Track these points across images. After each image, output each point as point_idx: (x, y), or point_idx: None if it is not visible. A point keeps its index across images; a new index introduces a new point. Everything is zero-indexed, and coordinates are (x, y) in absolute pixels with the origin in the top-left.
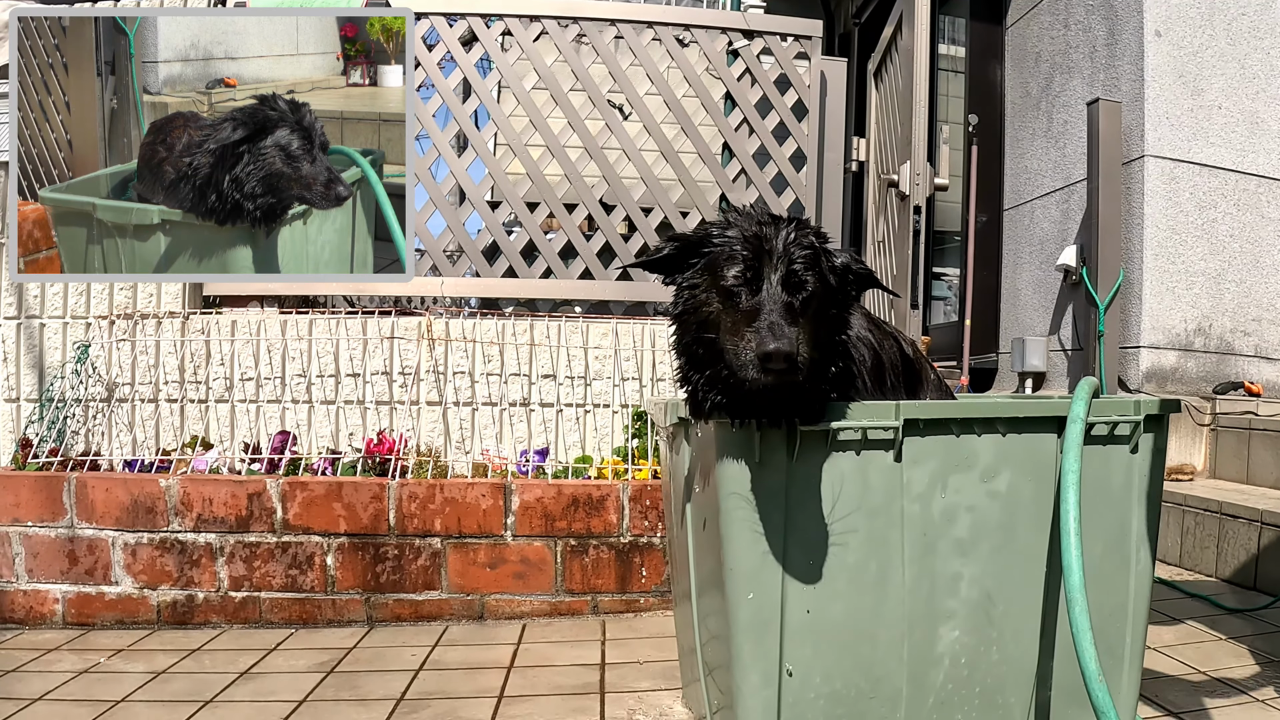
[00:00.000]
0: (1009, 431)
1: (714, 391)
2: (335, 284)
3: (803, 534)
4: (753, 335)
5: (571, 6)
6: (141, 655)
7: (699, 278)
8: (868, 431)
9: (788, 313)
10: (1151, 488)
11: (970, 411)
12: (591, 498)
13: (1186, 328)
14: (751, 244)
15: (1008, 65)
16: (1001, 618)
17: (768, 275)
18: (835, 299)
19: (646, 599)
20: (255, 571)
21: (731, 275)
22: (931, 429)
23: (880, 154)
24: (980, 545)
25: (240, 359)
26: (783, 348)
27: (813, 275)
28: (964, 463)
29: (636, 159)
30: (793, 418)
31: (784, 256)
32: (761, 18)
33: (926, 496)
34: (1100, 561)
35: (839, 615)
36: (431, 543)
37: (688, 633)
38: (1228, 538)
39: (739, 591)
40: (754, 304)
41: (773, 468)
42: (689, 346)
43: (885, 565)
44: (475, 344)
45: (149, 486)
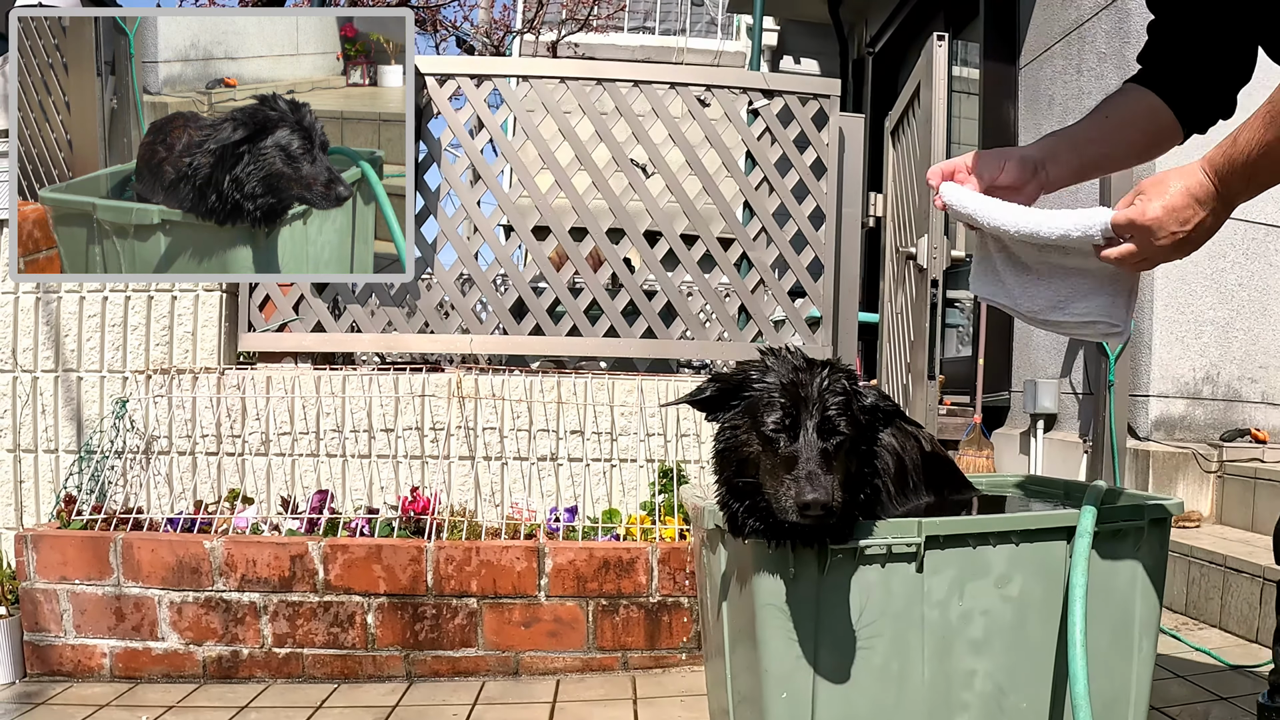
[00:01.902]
0: (1022, 542)
1: (753, 519)
2: (366, 342)
3: (832, 638)
4: (792, 483)
5: (598, 69)
6: (191, 713)
7: (739, 419)
8: (893, 547)
9: (824, 460)
10: (1154, 581)
11: (987, 526)
12: (622, 560)
13: (1195, 376)
14: (789, 392)
15: (1021, 106)
16: (1012, 708)
17: (805, 423)
18: (865, 436)
19: (674, 655)
20: (298, 629)
21: (771, 422)
22: (951, 543)
23: (898, 216)
24: (994, 643)
25: (275, 414)
26: (820, 498)
27: (845, 420)
28: (980, 571)
29: (659, 215)
30: (824, 538)
31: (819, 403)
32: (781, 78)
33: (945, 603)
34: (1106, 652)
35: (864, 709)
36: (468, 603)
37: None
38: (1231, 590)
39: (773, 690)
40: (792, 451)
41: (805, 580)
42: (729, 479)
43: (906, 664)
44: (504, 401)
45: (194, 548)
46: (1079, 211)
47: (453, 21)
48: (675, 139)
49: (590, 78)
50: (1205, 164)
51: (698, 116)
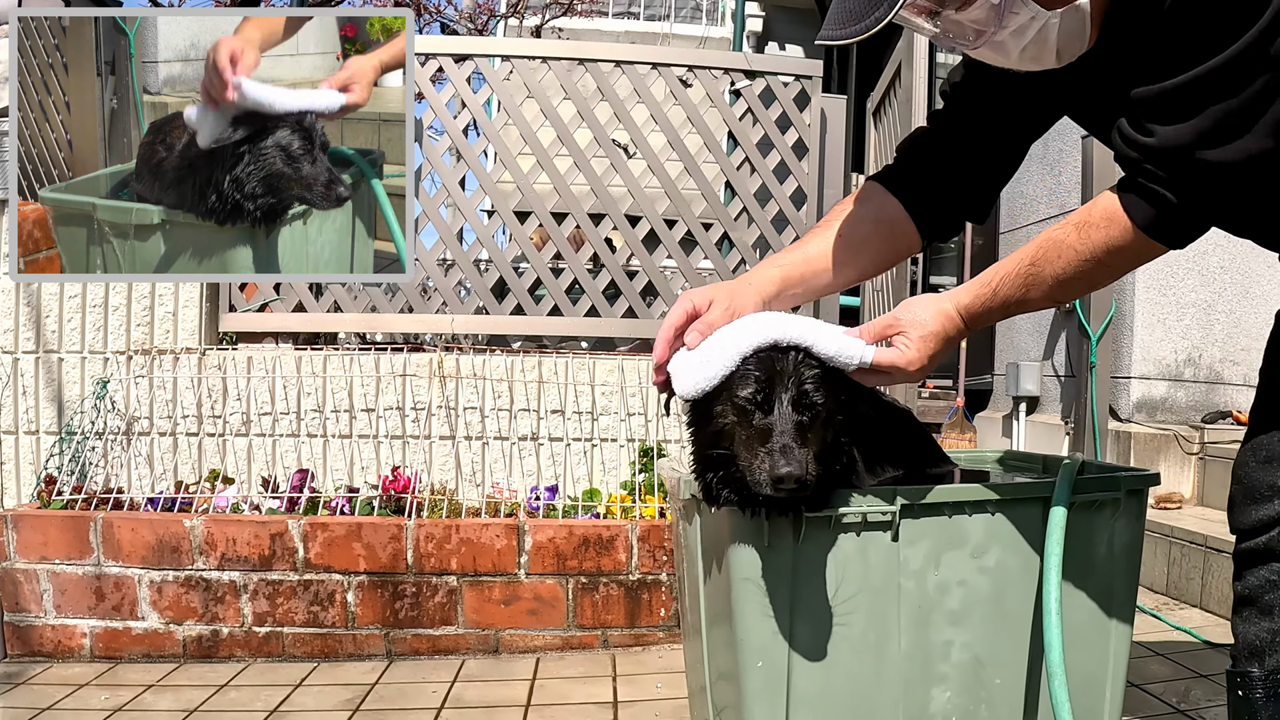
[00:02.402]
0: (998, 511)
1: (727, 489)
2: (348, 321)
3: (808, 608)
4: (766, 456)
5: (580, 49)
6: (171, 691)
7: (715, 391)
8: (868, 515)
9: (798, 432)
10: (1131, 554)
11: (963, 495)
12: (602, 538)
13: (1177, 358)
14: (764, 364)
15: None
16: (990, 679)
17: (779, 395)
18: (840, 408)
19: (654, 632)
20: (278, 608)
21: (745, 394)
22: (926, 511)
23: None
24: (971, 615)
25: (256, 394)
26: (795, 472)
27: (820, 392)
28: (956, 541)
29: (641, 197)
30: (799, 507)
31: (794, 377)
32: (763, 58)
33: (922, 573)
34: (1083, 627)
35: (841, 680)
36: (448, 580)
37: (697, 674)
38: (1212, 570)
39: (749, 661)
40: (766, 424)
41: (780, 550)
42: (703, 450)
43: (883, 635)
44: (485, 380)
45: (174, 527)
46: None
47: (436, 5)
48: (657, 120)
49: (572, 58)
50: (959, 309)
51: (680, 98)
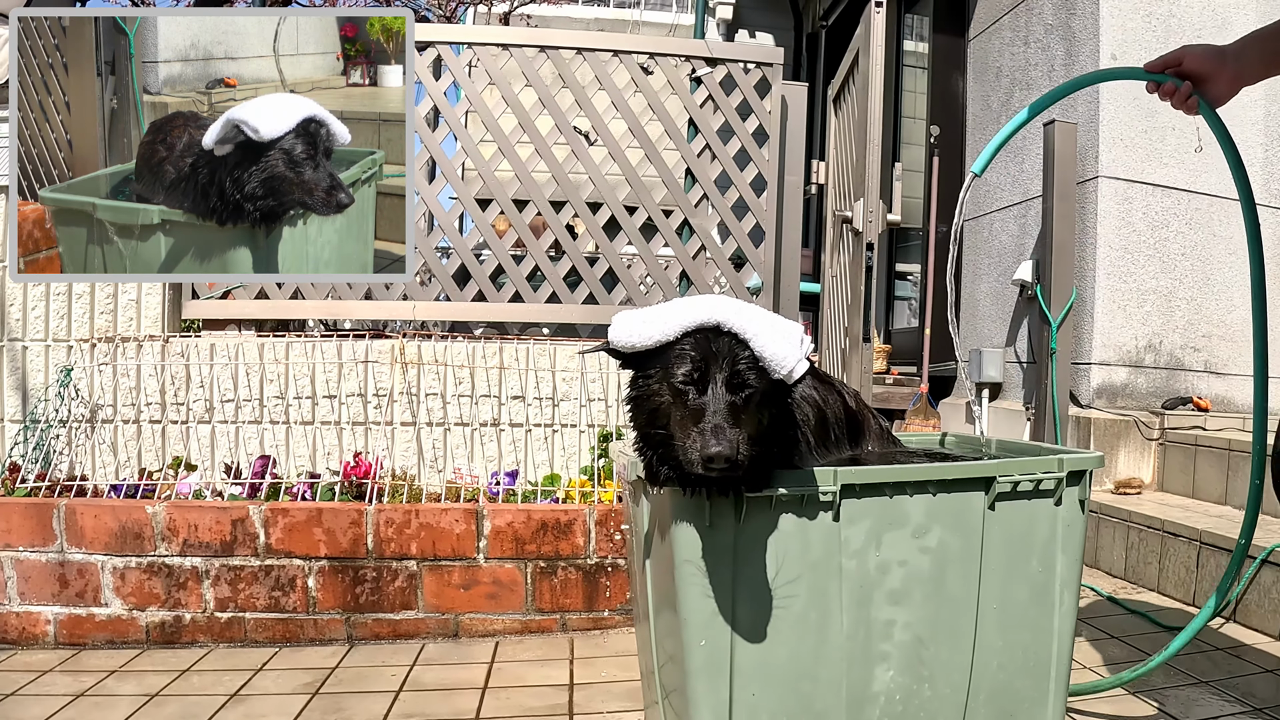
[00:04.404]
0: (939, 492)
1: (666, 467)
2: (309, 308)
3: (750, 587)
4: (698, 436)
5: (542, 36)
6: (133, 676)
7: (653, 369)
8: (808, 495)
9: (731, 413)
10: (1074, 535)
11: (903, 475)
12: (560, 522)
13: (1137, 344)
14: (700, 345)
15: (970, 78)
16: (932, 659)
17: (714, 376)
18: (779, 388)
19: (612, 616)
20: (240, 593)
21: (681, 374)
22: (867, 492)
23: (838, 182)
24: (913, 594)
25: (219, 381)
26: (724, 451)
27: (755, 373)
28: (897, 521)
29: (602, 184)
30: (739, 487)
31: (729, 357)
32: (724, 45)
33: (862, 553)
34: (1027, 606)
35: (783, 659)
36: (408, 565)
37: (646, 658)
38: (1169, 555)
39: (692, 639)
40: (700, 404)
41: (722, 530)
42: (642, 428)
43: (825, 614)
44: (446, 367)
45: (136, 513)
46: (782, 345)
47: None
48: (619, 107)
49: (533, 45)
50: None
51: (641, 85)
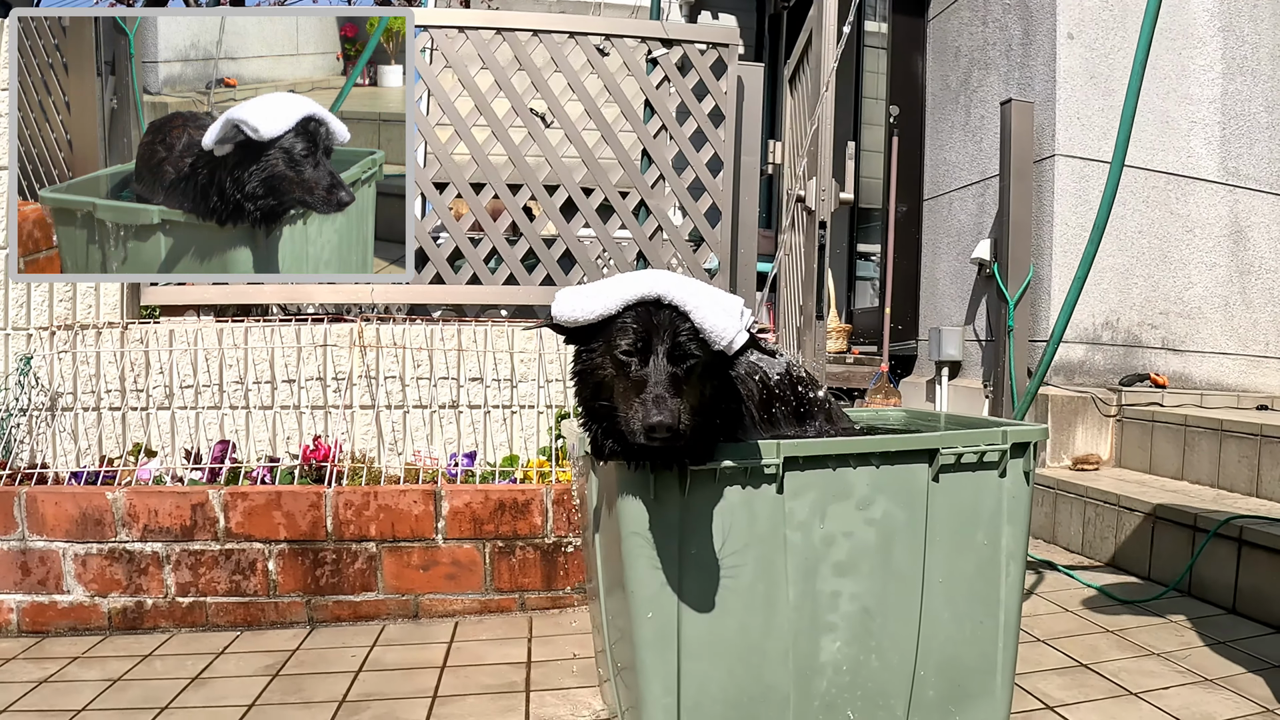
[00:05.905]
0: (883, 464)
1: (610, 440)
2: (268, 293)
3: (697, 560)
4: (639, 406)
5: (497, 19)
6: (96, 662)
7: (597, 343)
8: (751, 467)
9: (672, 384)
10: (1019, 507)
11: (846, 448)
12: (517, 502)
13: (1095, 322)
14: (642, 318)
15: (929, 58)
16: (880, 630)
17: (656, 348)
18: (722, 360)
19: (570, 595)
20: (201, 578)
21: (624, 345)
22: (810, 464)
23: (793, 162)
24: (859, 566)
25: (179, 367)
26: (666, 420)
27: (696, 344)
28: (841, 493)
29: (558, 166)
30: (683, 459)
31: (670, 329)
32: (680, 27)
33: (808, 525)
34: (973, 578)
35: (731, 631)
36: (367, 547)
37: (599, 636)
38: (1125, 529)
39: (640, 612)
40: (642, 375)
41: (667, 503)
42: (587, 401)
43: (772, 586)
44: (405, 350)
45: (97, 500)
46: (723, 319)
47: None
48: (575, 89)
49: (489, 27)
50: None
51: (597, 66)
